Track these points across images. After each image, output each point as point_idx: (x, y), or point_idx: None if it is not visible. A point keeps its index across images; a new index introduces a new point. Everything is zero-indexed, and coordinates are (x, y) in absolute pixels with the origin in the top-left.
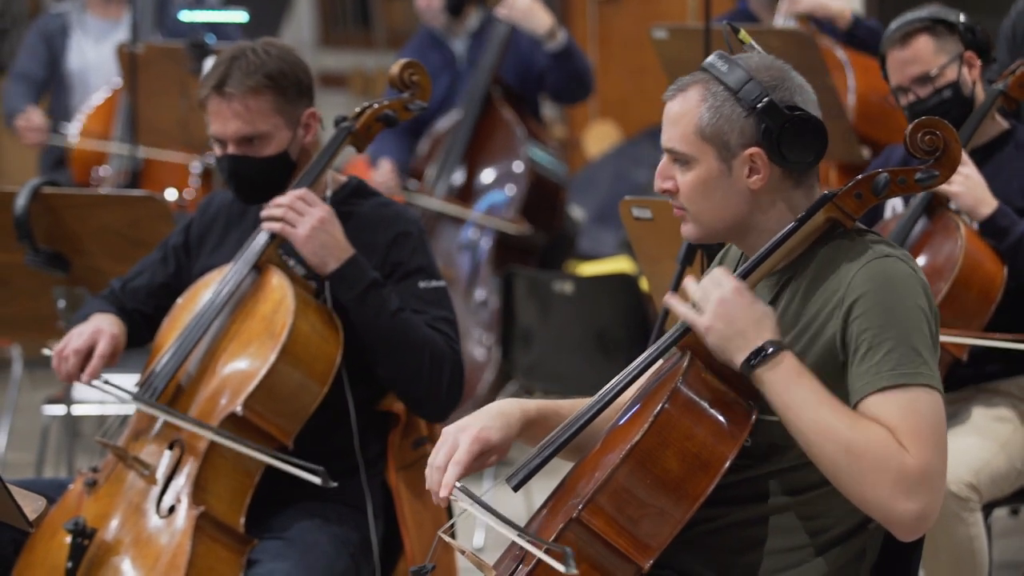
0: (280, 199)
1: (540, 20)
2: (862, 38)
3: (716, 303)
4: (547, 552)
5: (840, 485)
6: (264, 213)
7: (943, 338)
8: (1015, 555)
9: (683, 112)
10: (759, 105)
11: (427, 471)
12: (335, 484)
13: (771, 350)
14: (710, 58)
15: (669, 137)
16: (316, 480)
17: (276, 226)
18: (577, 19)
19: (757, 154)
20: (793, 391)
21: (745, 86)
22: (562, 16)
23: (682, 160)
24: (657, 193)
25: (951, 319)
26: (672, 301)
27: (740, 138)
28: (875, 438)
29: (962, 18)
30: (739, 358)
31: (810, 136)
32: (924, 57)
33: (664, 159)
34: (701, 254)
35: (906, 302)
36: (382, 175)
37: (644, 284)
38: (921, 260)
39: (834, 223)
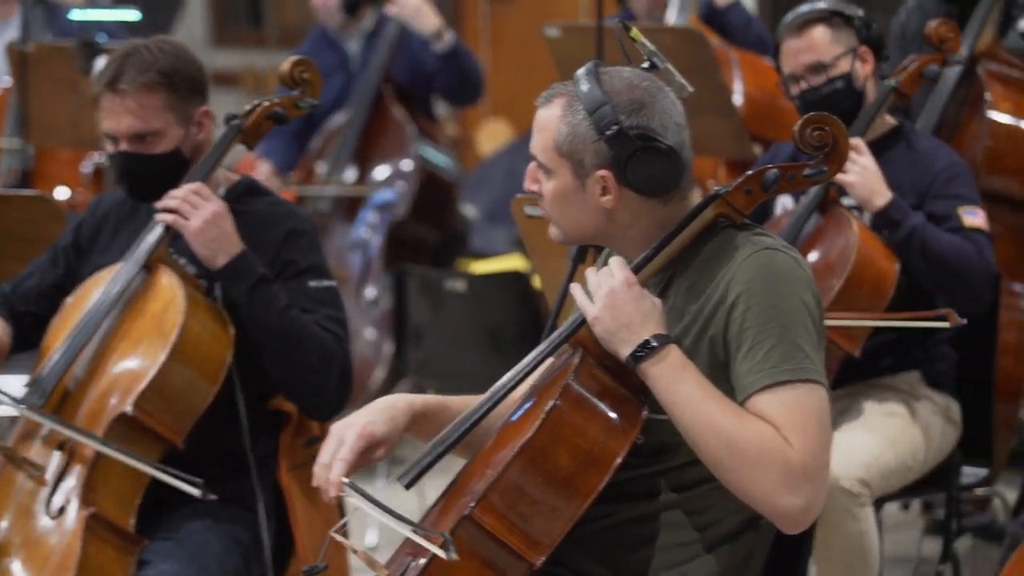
0: (175, 192)
1: (428, 20)
2: (733, 23)
3: (605, 294)
4: (442, 546)
5: (724, 480)
6: (158, 205)
7: (836, 323)
8: (905, 549)
9: (546, 123)
10: (608, 132)
11: (315, 469)
12: (214, 497)
13: (656, 344)
14: (580, 71)
15: (534, 144)
16: (195, 492)
17: (169, 218)
18: (469, 17)
19: (607, 177)
20: (677, 386)
21: (599, 109)
22: (454, 14)
23: (544, 169)
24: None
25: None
26: (575, 287)
27: (593, 159)
28: (759, 434)
29: (859, 12)
30: (625, 351)
31: (659, 165)
32: (820, 46)
33: (534, 161)
34: (593, 252)
35: (788, 297)
36: (261, 178)
37: (536, 282)
38: (813, 256)
39: (723, 219)
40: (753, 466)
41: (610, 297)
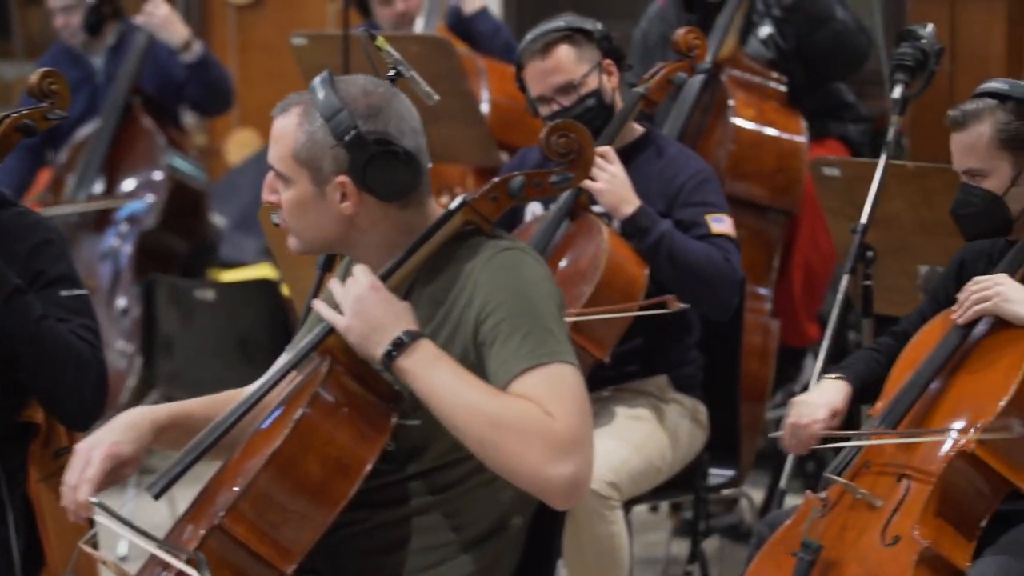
0: None
1: (176, 31)
2: (480, 30)
3: (353, 301)
4: (187, 563)
5: (491, 461)
6: None
7: (567, 320)
8: (654, 551)
9: (283, 132)
10: (346, 138)
11: (62, 490)
12: None
13: (407, 339)
14: (315, 79)
15: (271, 155)
16: None
17: None
18: (217, 26)
19: (346, 183)
20: (434, 375)
21: (336, 116)
22: (202, 23)
23: (282, 178)
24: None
25: (596, 321)
26: (317, 304)
27: (332, 166)
28: (521, 410)
29: (598, 26)
30: (379, 352)
31: (397, 169)
32: (566, 66)
33: (271, 172)
34: (339, 260)
35: (533, 287)
36: None
37: (285, 290)
38: (564, 263)
39: (471, 226)
40: (518, 441)
41: (359, 303)
